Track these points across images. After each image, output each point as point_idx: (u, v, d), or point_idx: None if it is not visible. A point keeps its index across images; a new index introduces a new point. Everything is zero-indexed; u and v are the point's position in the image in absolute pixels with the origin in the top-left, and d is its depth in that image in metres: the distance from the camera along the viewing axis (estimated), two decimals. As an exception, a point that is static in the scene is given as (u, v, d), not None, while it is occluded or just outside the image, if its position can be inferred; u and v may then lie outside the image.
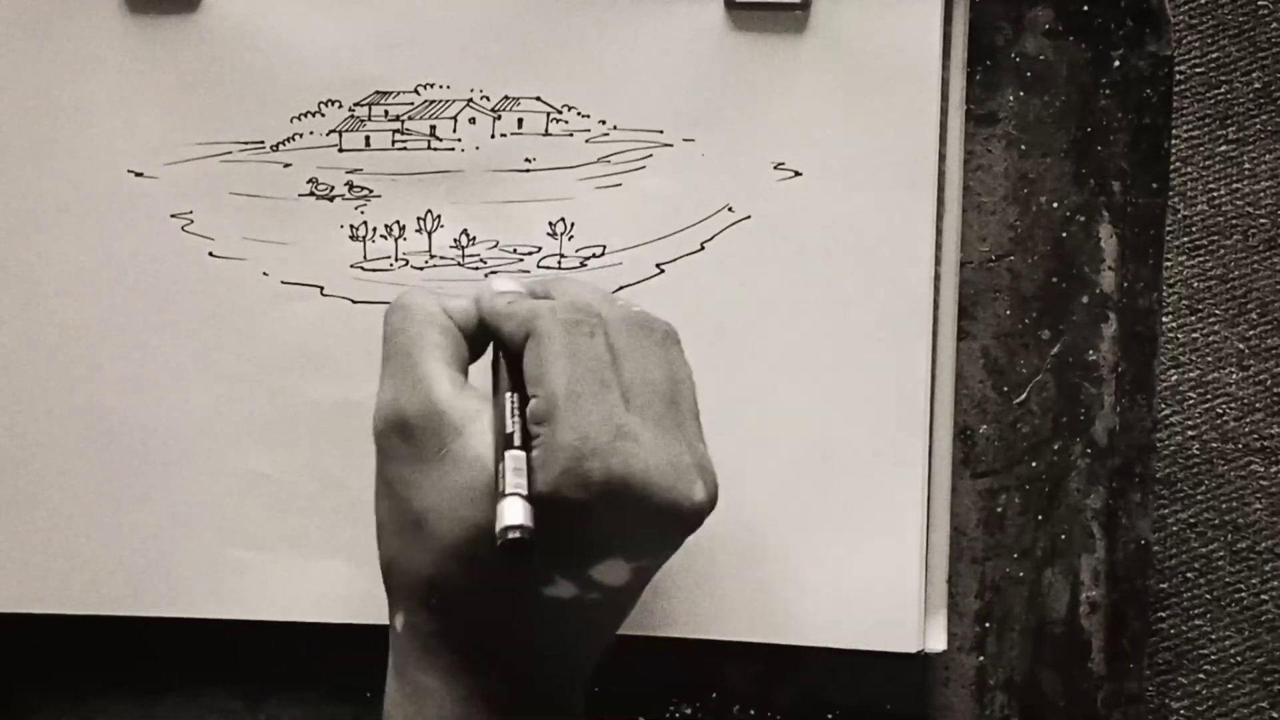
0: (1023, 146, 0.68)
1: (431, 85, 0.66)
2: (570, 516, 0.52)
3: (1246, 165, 1.10)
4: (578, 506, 0.52)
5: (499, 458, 0.53)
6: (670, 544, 0.56)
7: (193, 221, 0.67)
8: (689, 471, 0.54)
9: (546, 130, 0.66)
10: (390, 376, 0.56)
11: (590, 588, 0.54)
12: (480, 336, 0.58)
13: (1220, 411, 1.08)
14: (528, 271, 0.66)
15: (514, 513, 0.51)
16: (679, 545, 0.56)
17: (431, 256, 0.66)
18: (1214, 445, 1.08)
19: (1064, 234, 0.68)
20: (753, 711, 0.69)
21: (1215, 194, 1.10)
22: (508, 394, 0.54)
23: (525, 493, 0.51)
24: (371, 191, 0.66)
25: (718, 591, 0.66)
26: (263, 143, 0.66)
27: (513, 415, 0.54)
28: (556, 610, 0.55)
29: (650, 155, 0.66)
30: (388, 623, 0.57)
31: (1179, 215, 1.10)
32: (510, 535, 0.50)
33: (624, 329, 0.56)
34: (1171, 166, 0.70)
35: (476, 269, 0.66)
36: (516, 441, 0.53)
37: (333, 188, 0.66)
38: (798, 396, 0.66)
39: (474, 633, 0.55)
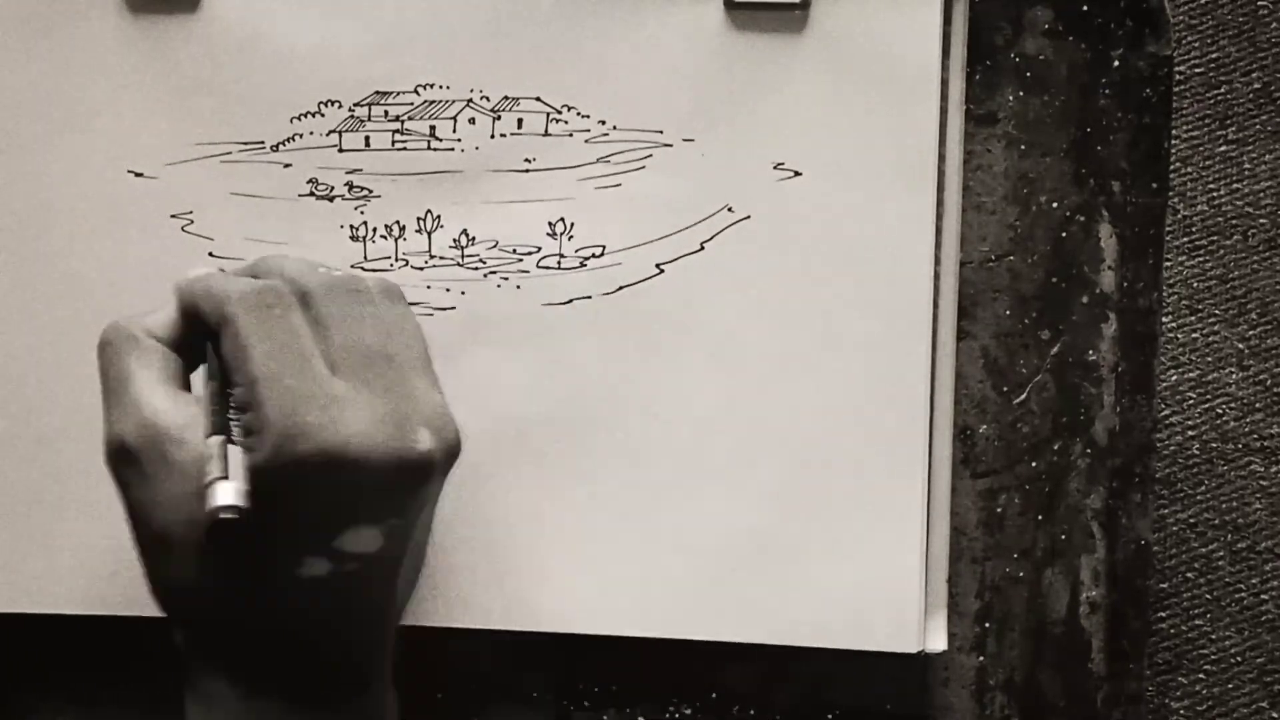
0: (1022, 146, 0.68)
1: (431, 85, 0.66)
2: (294, 493, 0.53)
3: (1246, 165, 1.10)
4: (298, 483, 0.53)
5: (206, 440, 0.53)
6: (412, 498, 0.56)
7: (193, 222, 0.67)
8: (407, 422, 0.54)
9: (546, 130, 0.66)
10: (107, 411, 0.57)
11: (344, 560, 0.55)
12: (194, 341, 0.58)
13: (1220, 411, 1.08)
14: (526, 272, 0.66)
15: (224, 494, 0.52)
16: (426, 496, 0.56)
17: (431, 257, 0.66)
18: (1214, 445, 1.08)
19: (1064, 234, 0.68)
20: (753, 711, 0.69)
21: (1215, 194, 1.10)
22: (210, 383, 0.55)
23: (223, 474, 0.52)
24: (371, 192, 0.66)
25: (718, 591, 0.66)
26: (263, 143, 0.66)
27: (209, 406, 0.55)
28: (319, 588, 0.55)
29: (650, 155, 0.66)
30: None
31: (1179, 215, 1.10)
32: (222, 515, 0.51)
33: (328, 296, 0.56)
34: (1171, 166, 0.70)
35: (476, 269, 0.66)
36: (214, 429, 0.54)
37: (332, 188, 0.66)
38: (797, 396, 0.66)
39: (244, 633, 0.56)
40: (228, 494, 0.52)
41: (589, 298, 0.66)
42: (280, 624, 0.56)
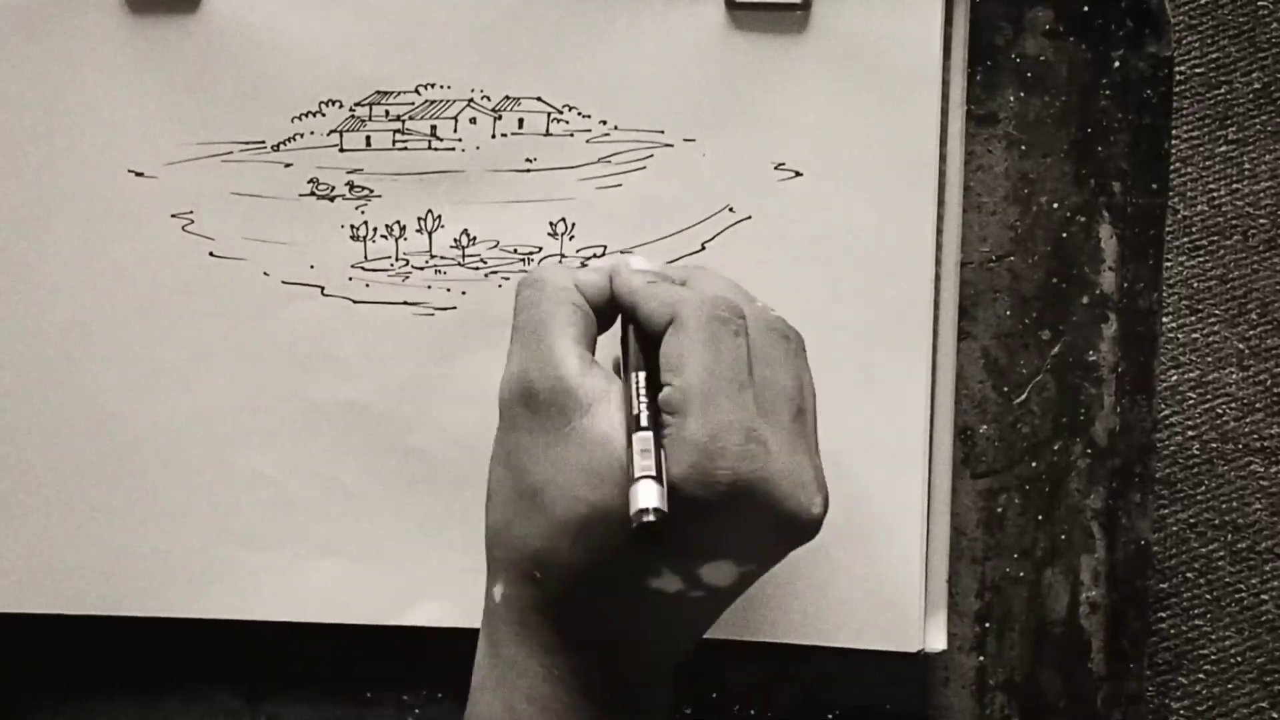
0: (1023, 147, 0.68)
1: (432, 85, 0.66)
2: (689, 514, 0.52)
3: (1246, 165, 1.10)
4: (699, 505, 0.52)
5: (627, 440, 0.52)
6: (781, 553, 0.56)
7: (193, 221, 0.67)
8: (811, 484, 0.54)
9: (547, 130, 0.66)
10: (521, 349, 0.56)
11: (695, 585, 0.54)
12: (608, 311, 0.58)
13: (1220, 411, 1.08)
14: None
15: (648, 495, 0.50)
16: (787, 555, 0.56)
17: (432, 256, 0.66)
18: (1214, 445, 1.08)
19: (1064, 234, 0.68)
20: (753, 711, 0.69)
21: (1215, 194, 1.10)
22: (637, 373, 0.54)
23: (655, 474, 0.51)
24: (372, 191, 0.66)
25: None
26: (263, 143, 0.66)
27: (638, 396, 0.54)
28: (658, 602, 0.54)
29: (651, 155, 0.66)
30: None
31: (1179, 215, 1.10)
32: (645, 519, 0.50)
33: (762, 332, 0.56)
34: (1171, 167, 0.70)
35: (477, 269, 0.66)
36: (644, 422, 0.53)
37: (333, 188, 0.66)
38: (798, 397, 0.66)
39: (574, 613, 0.55)
40: (652, 496, 0.51)
41: (589, 298, 0.66)
42: (607, 620, 0.55)
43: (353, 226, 0.67)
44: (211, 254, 0.67)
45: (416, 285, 0.66)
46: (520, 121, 0.66)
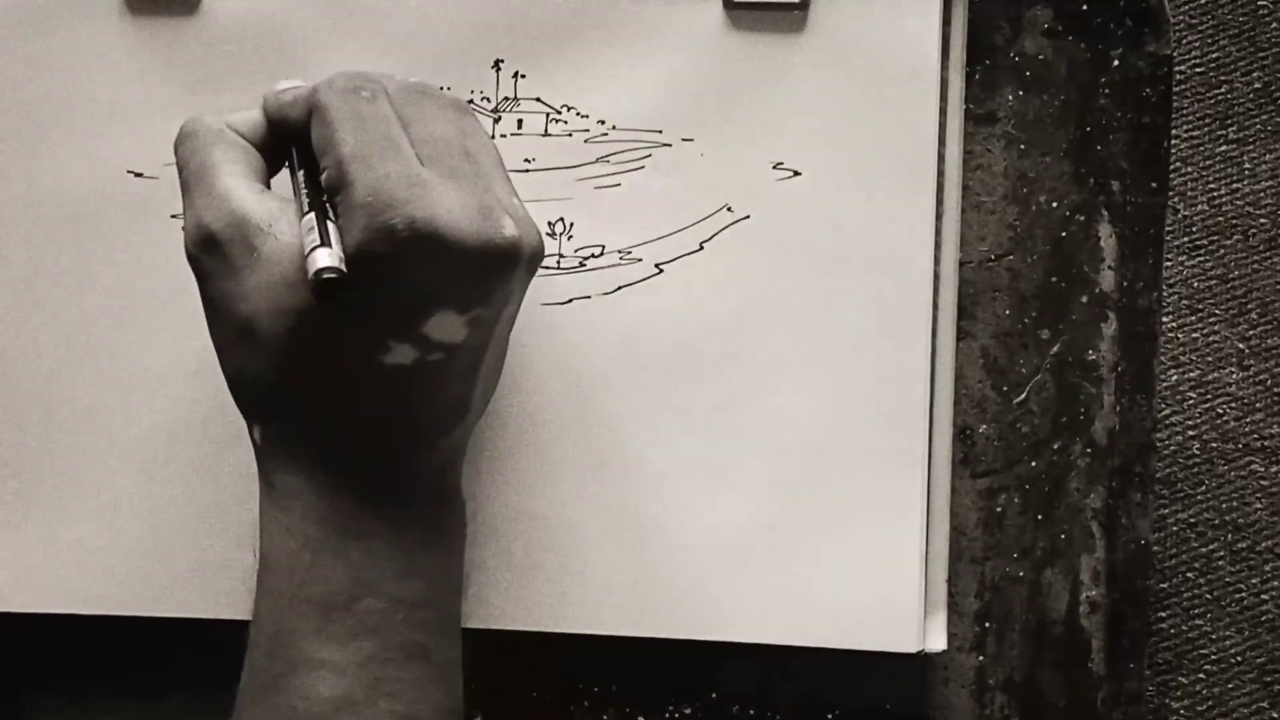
0: (1022, 146, 0.68)
1: (431, 85, 0.66)
2: (383, 272, 0.53)
3: (1246, 165, 1.10)
4: (387, 260, 0.53)
5: (302, 219, 0.54)
6: (497, 287, 0.56)
7: (193, 222, 0.67)
8: (493, 211, 0.55)
9: (546, 131, 0.66)
10: (191, 201, 0.56)
11: (429, 348, 0.55)
12: (275, 148, 0.59)
13: (1220, 411, 1.08)
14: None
15: (322, 258, 0.52)
16: (509, 290, 0.56)
17: (431, 257, 0.66)
18: (1214, 445, 1.08)
19: (1063, 233, 0.68)
20: (753, 711, 0.69)
21: (1215, 194, 1.10)
22: (299, 173, 0.56)
23: (320, 242, 0.52)
24: (371, 192, 0.66)
25: (718, 591, 0.66)
26: (263, 143, 0.66)
27: (300, 192, 0.55)
28: (402, 377, 0.55)
29: (649, 155, 0.66)
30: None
31: (1179, 215, 1.10)
32: (323, 277, 0.51)
33: (407, 95, 0.57)
34: (1171, 166, 0.70)
35: (476, 269, 0.66)
36: (306, 208, 0.54)
37: (332, 188, 0.66)
38: (797, 396, 0.66)
39: (327, 422, 0.56)
40: (328, 257, 0.52)
41: (588, 298, 0.66)
42: (361, 417, 0.56)
43: (352, 227, 0.67)
44: (211, 254, 0.67)
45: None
46: (519, 122, 0.66)
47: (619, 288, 0.66)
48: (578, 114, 0.66)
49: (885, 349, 0.66)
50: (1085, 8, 0.67)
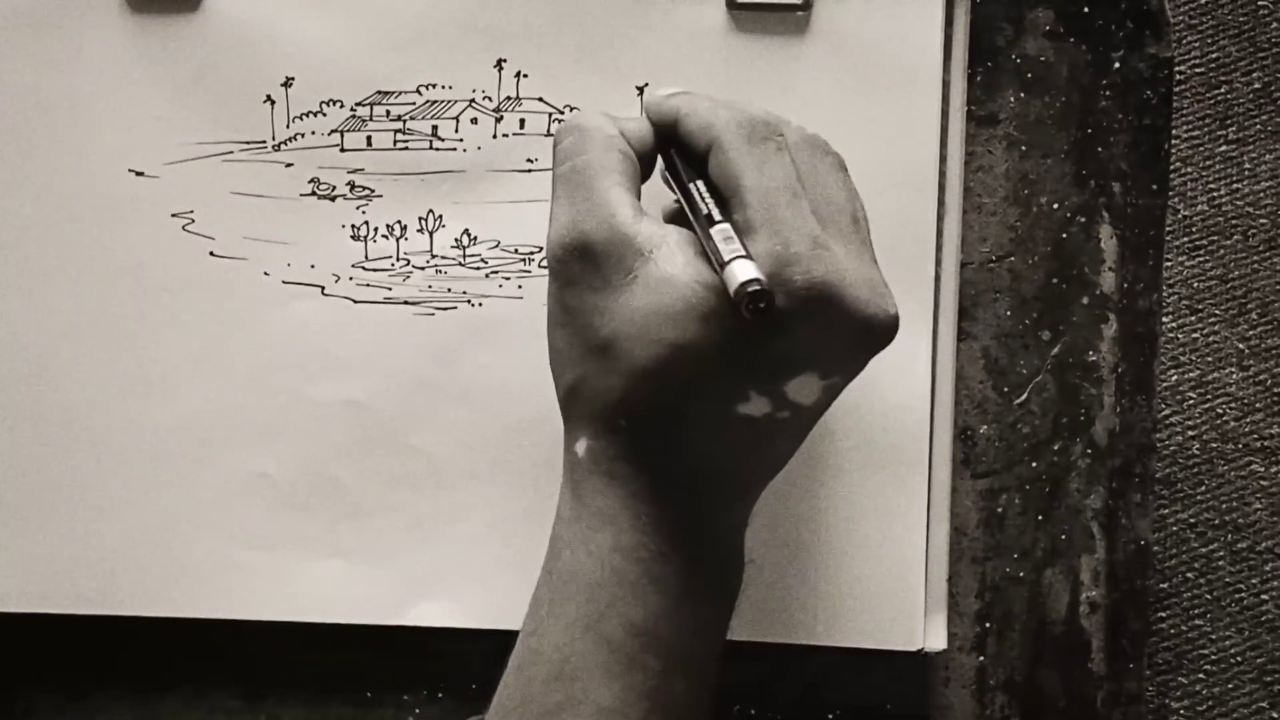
0: (1023, 147, 0.68)
1: (433, 85, 0.66)
2: (771, 327, 0.52)
3: (1246, 166, 1.10)
4: (780, 314, 0.51)
5: (706, 236, 0.52)
6: (861, 360, 0.55)
7: (194, 221, 0.67)
8: (880, 286, 0.54)
9: (548, 130, 0.66)
10: (568, 201, 0.55)
11: (782, 405, 0.54)
12: (650, 159, 0.57)
13: (1220, 411, 1.08)
14: (528, 272, 0.66)
15: (745, 269, 0.50)
16: (866, 364, 0.55)
17: (433, 256, 0.66)
18: (1214, 445, 1.08)
19: (1064, 235, 0.68)
20: (753, 711, 0.69)
21: (1215, 194, 1.10)
22: (696, 182, 0.54)
23: (744, 253, 0.50)
24: (373, 191, 0.66)
25: (718, 592, 0.66)
26: (264, 142, 0.66)
27: (702, 198, 0.53)
28: (747, 429, 0.54)
29: (651, 156, 0.66)
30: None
31: (1179, 216, 1.10)
32: (750, 289, 0.49)
33: (802, 147, 0.55)
34: (1172, 167, 0.70)
35: (478, 269, 0.66)
36: (717, 216, 0.52)
37: (334, 187, 0.66)
38: (798, 397, 0.66)
39: (663, 454, 0.54)
40: (749, 269, 0.50)
41: (590, 298, 0.66)
42: (697, 457, 0.55)
43: (353, 226, 0.67)
44: (212, 254, 0.67)
45: (417, 285, 0.66)
46: (521, 122, 0.66)
47: (620, 288, 0.66)
48: (580, 114, 0.66)
49: (886, 349, 0.66)
50: (1086, 10, 0.67)
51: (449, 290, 0.66)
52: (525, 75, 0.66)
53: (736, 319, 0.51)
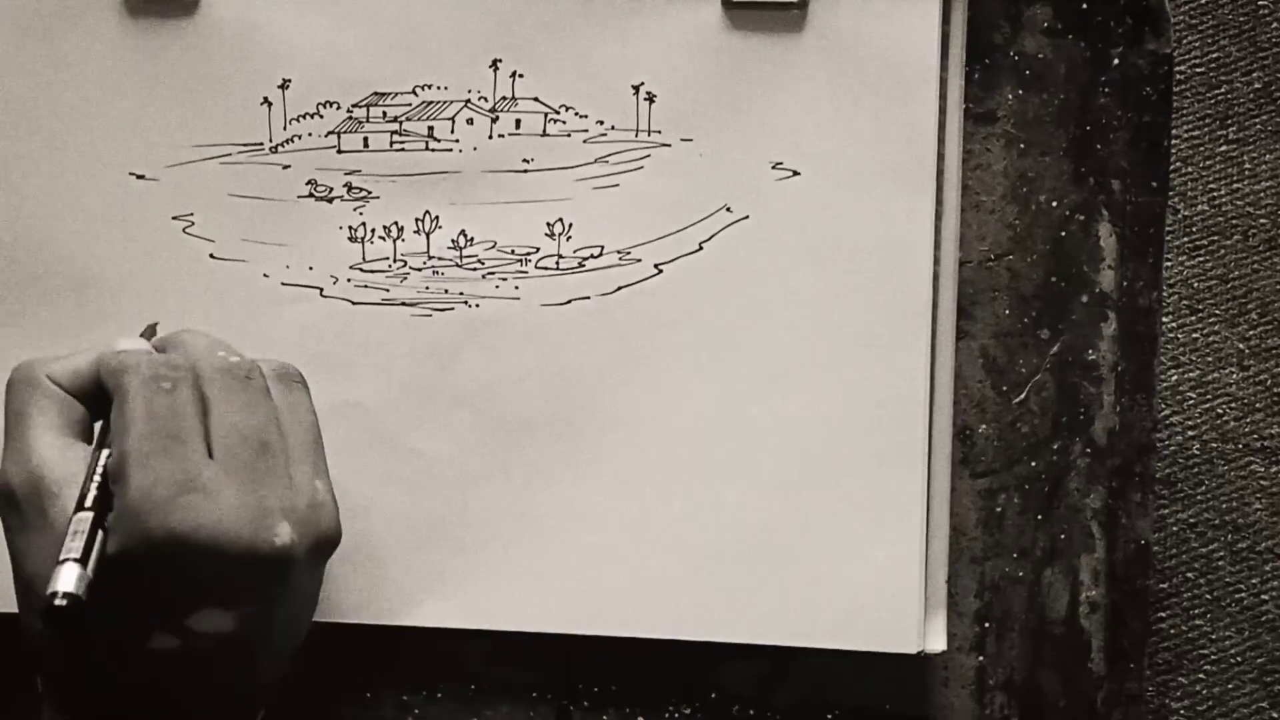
0: (1022, 145, 0.68)
1: (429, 86, 0.66)
2: (144, 572, 0.53)
3: (1247, 165, 1.10)
4: (147, 563, 0.53)
5: (74, 515, 0.54)
6: (270, 588, 0.56)
7: (193, 223, 0.67)
8: (270, 516, 0.55)
9: (544, 131, 0.66)
10: (4, 452, 0.57)
11: (195, 638, 0.55)
12: (100, 391, 0.58)
13: (1220, 411, 1.08)
14: (525, 273, 0.66)
15: (64, 579, 0.52)
16: (287, 586, 0.56)
17: (430, 258, 0.66)
18: (1214, 445, 1.08)
19: (1063, 233, 0.68)
20: (753, 711, 0.68)
21: (1215, 193, 1.10)
22: (100, 451, 0.56)
23: (78, 556, 0.52)
24: (370, 193, 0.66)
25: (718, 591, 0.66)
26: (261, 144, 0.66)
27: (91, 476, 0.55)
28: (170, 662, 0.55)
29: (648, 155, 0.66)
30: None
31: (1179, 215, 1.10)
32: (54, 602, 0.51)
33: (217, 379, 0.57)
34: (1171, 166, 0.70)
35: (475, 270, 0.66)
36: (87, 503, 0.54)
37: (331, 189, 0.67)
38: (797, 396, 0.66)
39: (101, 692, 0.56)
40: (69, 580, 0.52)
41: (587, 298, 0.66)
42: (129, 692, 0.56)
43: (351, 228, 0.67)
44: (212, 256, 0.67)
45: (415, 286, 0.66)
46: (517, 122, 0.66)
47: (618, 288, 0.66)
48: (576, 114, 0.66)
49: (885, 349, 0.66)
50: (1085, 6, 0.67)
51: (446, 291, 0.66)
52: (521, 75, 0.66)
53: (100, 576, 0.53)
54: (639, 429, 0.66)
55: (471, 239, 0.66)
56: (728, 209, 0.66)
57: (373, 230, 0.66)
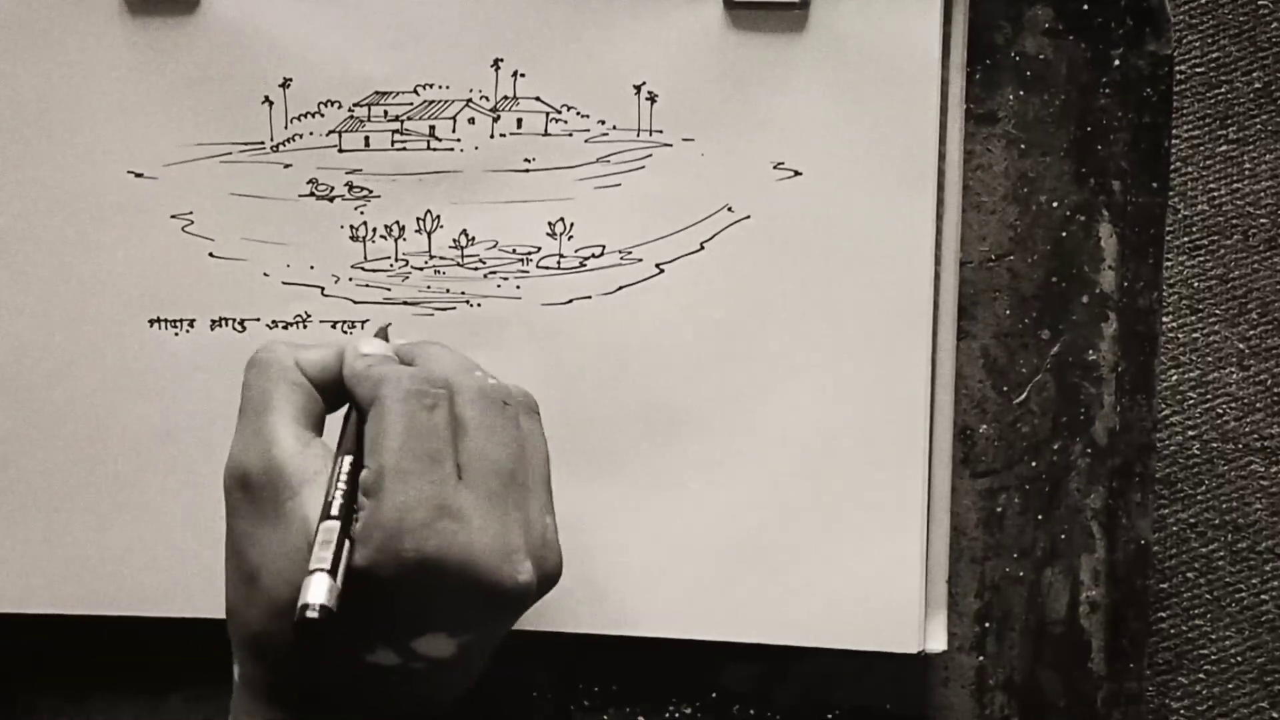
0: (1022, 146, 0.68)
1: (431, 85, 0.66)
2: (386, 591, 0.53)
3: (1247, 165, 1.10)
4: (394, 583, 0.53)
5: (320, 524, 0.53)
6: (497, 621, 0.56)
7: (193, 222, 0.67)
8: (517, 553, 0.54)
9: (546, 130, 0.66)
10: (239, 431, 0.57)
11: (413, 658, 0.55)
12: (339, 388, 0.58)
13: (1220, 411, 1.08)
14: (526, 272, 0.66)
15: (316, 591, 0.51)
16: (510, 623, 0.57)
17: (431, 257, 0.66)
18: (1214, 445, 1.08)
19: (1064, 233, 0.68)
20: (753, 711, 0.69)
21: (1215, 194, 1.10)
22: (343, 458, 0.55)
23: (328, 567, 0.51)
24: (371, 192, 0.66)
25: (718, 591, 0.66)
26: (263, 143, 0.66)
27: (336, 483, 0.54)
28: (380, 676, 0.55)
29: (649, 155, 0.66)
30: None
31: (1179, 215, 1.10)
32: (306, 614, 0.51)
33: (476, 401, 0.56)
34: (1172, 166, 0.70)
35: (476, 269, 0.66)
36: (334, 511, 0.53)
37: (332, 188, 0.66)
38: (797, 396, 0.66)
39: (301, 691, 0.56)
40: (320, 591, 0.51)
41: (589, 298, 0.66)
42: (338, 696, 0.56)
43: (352, 227, 0.67)
44: (211, 254, 0.67)
45: (416, 285, 0.66)
46: (519, 121, 0.66)
47: (619, 288, 0.66)
48: (578, 113, 0.66)
49: (885, 349, 0.66)
50: (1086, 7, 0.67)
51: (447, 290, 0.66)
52: (522, 75, 0.66)
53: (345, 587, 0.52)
54: (639, 428, 0.66)
55: (473, 238, 0.66)
56: (729, 209, 0.66)
57: (374, 230, 0.66)
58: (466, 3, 0.66)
